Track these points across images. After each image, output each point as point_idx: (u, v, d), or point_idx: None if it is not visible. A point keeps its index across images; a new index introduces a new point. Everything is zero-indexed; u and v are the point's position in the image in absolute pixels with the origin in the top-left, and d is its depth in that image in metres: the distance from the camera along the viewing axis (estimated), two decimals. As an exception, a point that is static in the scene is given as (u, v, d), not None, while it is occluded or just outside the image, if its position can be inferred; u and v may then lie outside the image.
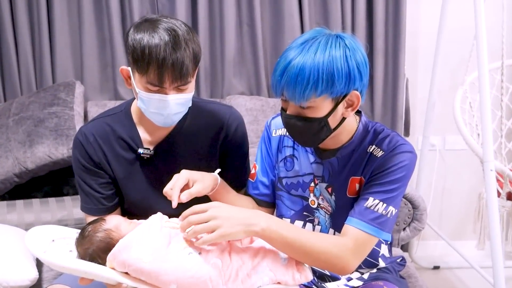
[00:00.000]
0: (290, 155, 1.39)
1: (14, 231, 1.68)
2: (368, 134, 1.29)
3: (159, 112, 1.29)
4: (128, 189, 1.44)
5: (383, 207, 1.20)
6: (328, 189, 1.32)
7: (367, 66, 1.19)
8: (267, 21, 2.51)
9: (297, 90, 1.13)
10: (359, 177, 1.27)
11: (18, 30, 2.34)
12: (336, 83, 1.13)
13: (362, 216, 1.20)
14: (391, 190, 1.21)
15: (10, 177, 1.99)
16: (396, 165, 1.21)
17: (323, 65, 1.12)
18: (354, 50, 1.16)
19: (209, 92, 2.54)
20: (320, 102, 1.16)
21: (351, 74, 1.14)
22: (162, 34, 1.22)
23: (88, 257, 1.17)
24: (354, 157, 1.28)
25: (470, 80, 2.35)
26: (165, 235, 1.16)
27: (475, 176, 2.68)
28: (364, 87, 1.20)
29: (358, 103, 1.20)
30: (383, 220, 1.20)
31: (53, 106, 2.15)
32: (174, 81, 1.24)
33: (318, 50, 1.13)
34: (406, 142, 1.25)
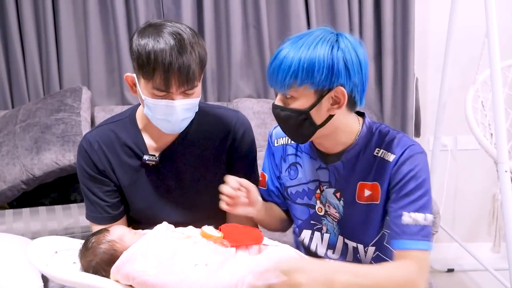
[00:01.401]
0: (294, 162, 1.37)
1: (19, 241, 1.68)
2: (373, 136, 1.26)
3: (166, 119, 1.26)
4: (133, 197, 1.42)
5: (421, 218, 1.18)
6: (336, 194, 1.29)
7: (362, 67, 1.16)
8: (274, 23, 2.49)
9: (279, 77, 1.15)
10: (370, 183, 1.24)
11: (25, 37, 2.34)
12: (316, 74, 1.13)
13: (407, 234, 1.17)
14: (420, 197, 1.19)
15: (18, 184, 1.99)
16: (414, 170, 1.19)
17: (305, 56, 1.13)
18: (345, 48, 1.14)
19: (216, 96, 2.52)
20: (301, 93, 1.16)
21: (334, 67, 1.13)
22: (167, 38, 1.20)
23: (92, 269, 1.16)
24: (361, 161, 1.26)
25: (481, 79, 2.30)
26: (171, 246, 1.14)
27: (489, 176, 2.63)
28: (355, 88, 1.17)
29: (345, 101, 1.17)
30: (427, 230, 1.18)
31: (60, 112, 2.15)
32: (181, 85, 1.22)
33: (305, 43, 1.14)
34: (413, 142, 1.23)
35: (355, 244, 1.31)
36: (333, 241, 1.34)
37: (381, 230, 1.28)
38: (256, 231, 1.24)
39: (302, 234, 1.38)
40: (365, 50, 1.19)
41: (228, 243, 1.17)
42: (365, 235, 1.29)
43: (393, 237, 1.20)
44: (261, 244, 1.21)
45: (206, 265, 1.11)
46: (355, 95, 1.18)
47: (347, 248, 1.33)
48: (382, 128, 1.27)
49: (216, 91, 2.52)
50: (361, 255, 1.32)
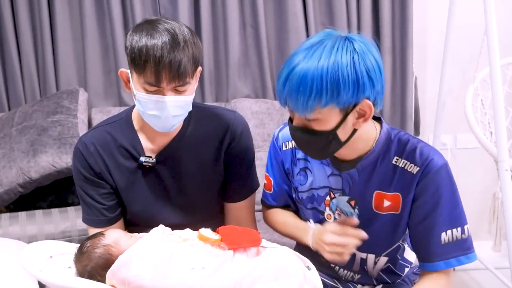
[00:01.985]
0: (304, 168, 1.32)
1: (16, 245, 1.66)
2: (391, 143, 1.20)
3: (157, 114, 1.25)
4: (130, 199, 1.40)
5: (460, 232, 1.15)
6: (351, 202, 1.24)
7: (381, 71, 1.09)
8: (271, 22, 2.48)
9: (299, 101, 1.05)
10: (391, 194, 1.19)
11: (21, 38, 2.33)
12: (342, 93, 1.04)
13: (447, 254, 1.15)
14: (453, 211, 1.15)
15: (14, 188, 1.97)
16: (445, 184, 1.14)
17: (327, 72, 1.03)
18: (363, 54, 1.06)
19: (214, 96, 2.51)
20: (326, 114, 1.07)
21: (359, 81, 1.05)
22: (161, 34, 1.20)
23: (87, 274, 1.14)
24: (379, 170, 1.20)
25: (481, 77, 2.29)
26: (167, 249, 1.12)
27: (489, 175, 2.62)
28: (378, 95, 1.10)
29: (371, 113, 1.10)
30: (468, 241, 1.15)
31: (56, 114, 2.13)
32: (172, 80, 1.20)
33: (323, 56, 1.04)
34: (435, 152, 1.17)
35: (364, 255, 1.28)
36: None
37: (398, 241, 1.26)
38: (254, 233, 1.23)
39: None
40: (377, 48, 1.11)
41: (225, 245, 1.15)
42: (379, 245, 1.26)
43: (430, 259, 1.16)
44: (259, 246, 1.20)
45: (203, 268, 1.09)
46: (378, 102, 1.11)
47: (354, 258, 1.30)
48: (401, 135, 1.21)
49: (214, 91, 2.51)
50: (368, 266, 1.29)
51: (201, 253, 1.13)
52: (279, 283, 1.11)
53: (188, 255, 1.12)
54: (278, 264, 1.14)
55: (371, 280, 1.31)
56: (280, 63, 2.49)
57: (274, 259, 1.15)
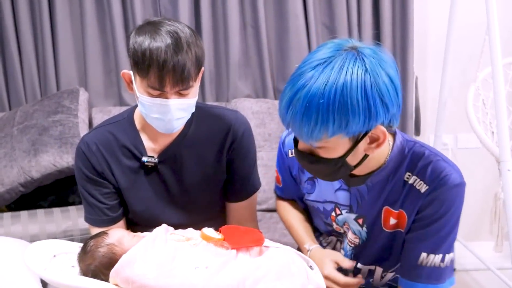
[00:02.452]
0: (311, 177, 1.26)
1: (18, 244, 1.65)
2: (404, 158, 1.10)
3: (161, 118, 1.25)
4: (132, 199, 1.40)
5: (439, 259, 1.08)
6: (359, 221, 1.19)
7: (397, 90, 0.97)
8: (272, 22, 2.48)
9: (304, 130, 0.95)
10: (397, 211, 1.13)
11: (21, 38, 2.33)
12: (352, 123, 0.93)
13: (416, 276, 1.09)
14: (445, 237, 1.07)
15: (15, 187, 1.97)
16: (446, 207, 1.05)
17: (335, 100, 0.91)
18: (376, 74, 0.93)
19: (215, 96, 2.51)
20: (334, 142, 0.98)
21: (371, 109, 0.93)
22: (164, 37, 1.19)
23: (91, 273, 1.14)
24: (389, 186, 1.12)
25: (482, 76, 2.29)
26: (170, 248, 1.12)
27: (490, 175, 2.62)
28: (393, 116, 0.99)
29: (385, 138, 1.00)
30: (443, 271, 1.09)
31: (57, 114, 2.13)
32: (175, 84, 1.20)
33: (330, 78, 0.92)
34: (452, 170, 1.06)
35: (373, 267, 1.25)
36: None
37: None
38: (257, 233, 1.22)
39: (329, 238, 1.34)
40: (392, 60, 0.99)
41: (228, 245, 1.15)
42: (387, 261, 1.23)
43: (404, 274, 1.13)
44: (261, 246, 1.19)
45: (207, 267, 1.09)
46: (393, 123, 1.01)
47: (359, 271, 1.27)
48: (416, 148, 1.11)
49: (214, 91, 2.51)
50: (375, 279, 1.27)
51: (204, 252, 1.13)
52: (282, 282, 1.10)
53: (192, 254, 1.11)
54: (281, 263, 1.14)
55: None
56: (281, 63, 2.49)
57: (277, 259, 1.15)
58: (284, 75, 2.47)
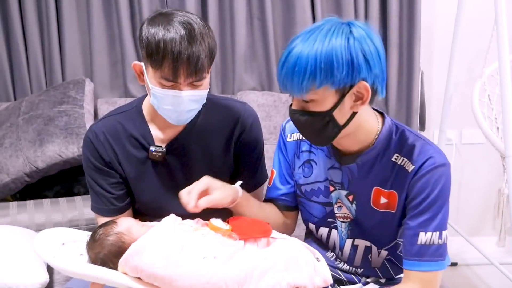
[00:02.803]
0: (308, 160, 1.32)
1: (24, 233, 1.67)
2: (392, 140, 1.19)
3: (173, 109, 1.25)
4: (140, 189, 1.40)
5: (437, 237, 1.14)
6: (349, 197, 1.25)
7: (380, 56, 1.09)
8: (278, 15, 2.46)
9: (295, 81, 1.07)
10: (388, 191, 1.19)
11: (27, 28, 2.32)
12: (336, 72, 1.05)
13: (420, 256, 1.14)
14: (437, 214, 1.13)
15: (21, 177, 1.97)
16: (433, 185, 1.13)
17: (321, 53, 1.05)
18: (360, 37, 1.06)
19: (220, 88, 2.50)
20: (322, 94, 1.08)
21: (354, 62, 1.05)
22: (178, 27, 1.18)
23: (99, 261, 1.14)
24: (378, 166, 1.19)
25: (488, 72, 2.28)
26: (179, 238, 1.13)
27: (493, 170, 2.63)
28: (377, 79, 1.09)
29: (368, 96, 1.10)
30: (442, 248, 1.14)
31: (63, 104, 2.13)
32: (189, 76, 1.20)
33: (318, 38, 1.06)
34: (436, 151, 1.15)
35: (369, 243, 1.28)
36: (341, 244, 1.31)
37: (395, 239, 1.26)
38: (264, 224, 1.23)
39: (320, 231, 1.35)
40: (379, 36, 1.12)
41: (236, 235, 1.16)
42: (378, 239, 1.26)
43: (406, 255, 1.16)
44: (269, 237, 1.20)
45: (215, 258, 1.09)
46: (377, 86, 1.11)
47: (356, 251, 1.30)
48: (403, 131, 1.20)
49: (220, 83, 2.50)
50: (373, 255, 1.29)
51: (212, 242, 1.13)
52: (289, 273, 1.11)
53: (200, 244, 1.12)
54: (288, 255, 1.15)
55: (375, 272, 1.32)
56: (287, 56, 2.48)
57: (284, 250, 1.16)
58: (290, 68, 2.46)
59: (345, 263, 1.33)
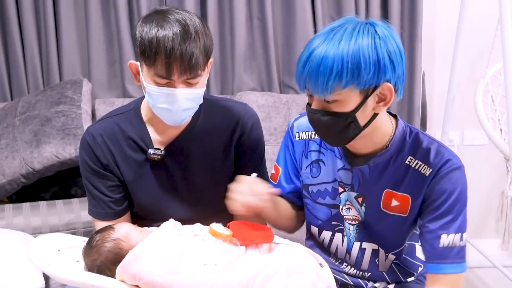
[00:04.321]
0: (316, 160, 1.30)
1: (20, 236, 1.64)
2: (405, 143, 1.18)
3: (168, 108, 1.22)
4: (138, 192, 1.38)
5: (458, 239, 1.13)
6: (358, 199, 1.23)
7: (402, 56, 1.09)
8: (278, 15, 2.45)
9: (319, 81, 1.04)
10: (400, 194, 1.18)
11: (24, 27, 2.31)
12: (363, 73, 1.03)
13: (444, 258, 1.13)
14: (458, 216, 1.13)
15: (17, 178, 1.96)
16: (452, 188, 1.13)
17: (348, 53, 1.03)
18: (385, 37, 1.06)
19: (219, 88, 2.49)
20: (346, 95, 1.06)
21: (380, 63, 1.04)
22: (172, 24, 1.17)
23: (96, 268, 1.12)
24: (391, 169, 1.18)
25: (492, 72, 2.26)
26: (178, 244, 1.10)
27: (495, 172, 2.61)
28: (399, 80, 1.09)
29: (392, 97, 1.09)
30: (463, 250, 1.15)
31: (60, 104, 2.11)
32: (183, 73, 1.17)
33: (343, 38, 1.04)
34: (451, 154, 1.15)
35: (376, 246, 1.27)
36: (349, 247, 1.29)
37: (403, 243, 1.24)
38: (266, 229, 1.20)
39: (322, 234, 1.33)
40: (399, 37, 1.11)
41: (237, 241, 1.13)
42: (386, 243, 1.25)
43: (429, 259, 1.16)
44: (271, 243, 1.17)
45: (216, 264, 1.07)
46: (398, 88, 1.10)
47: (363, 255, 1.28)
48: (417, 134, 1.19)
49: (219, 84, 2.48)
50: (380, 259, 1.27)
51: (213, 249, 1.11)
52: (292, 280, 1.08)
53: (200, 251, 1.09)
54: (291, 261, 1.12)
55: (383, 276, 1.30)
56: (287, 56, 2.47)
57: (287, 256, 1.13)
58: (290, 68, 2.45)
59: (352, 267, 1.31)
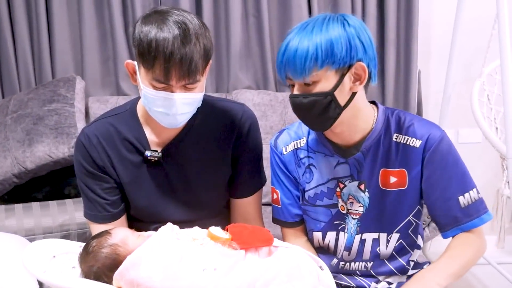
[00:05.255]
0: (308, 165, 1.31)
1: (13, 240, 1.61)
2: (390, 122, 1.25)
3: (165, 112, 1.20)
4: (135, 194, 1.36)
5: (475, 193, 1.22)
6: (361, 186, 1.26)
7: (371, 43, 1.17)
8: (274, 12, 2.43)
9: (297, 64, 1.12)
10: (396, 170, 1.24)
11: (16, 24, 2.28)
12: (336, 51, 1.11)
13: (470, 216, 1.22)
14: (464, 174, 1.22)
15: (9, 178, 1.93)
16: (449, 153, 1.20)
17: (321, 38, 1.12)
18: (355, 26, 1.14)
19: (215, 87, 2.47)
20: (323, 75, 1.13)
21: (351, 43, 1.12)
22: (172, 27, 1.13)
23: (93, 275, 1.10)
24: (382, 148, 1.24)
25: (488, 71, 2.25)
26: (177, 249, 1.08)
27: (490, 170, 2.61)
28: (371, 62, 1.17)
29: (365, 76, 1.16)
30: (483, 202, 1.23)
31: (52, 103, 2.09)
32: (182, 78, 1.15)
33: (315, 26, 1.13)
34: (432, 124, 1.24)
35: (376, 235, 1.28)
36: (350, 241, 1.29)
37: (407, 216, 1.27)
38: (265, 232, 1.19)
39: (327, 237, 1.32)
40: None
41: (237, 245, 1.11)
42: (390, 222, 1.28)
43: (458, 222, 1.22)
44: (271, 246, 1.16)
45: (215, 269, 1.05)
46: (371, 70, 1.17)
47: (364, 245, 1.29)
48: (397, 113, 1.27)
49: (214, 82, 2.47)
50: (381, 246, 1.29)
51: (212, 253, 1.09)
52: (293, 284, 1.07)
53: (199, 255, 1.08)
54: (291, 264, 1.11)
55: (384, 264, 1.31)
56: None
57: (286, 260, 1.12)
58: (286, 66, 2.42)
59: (354, 262, 1.31)
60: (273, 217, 1.40)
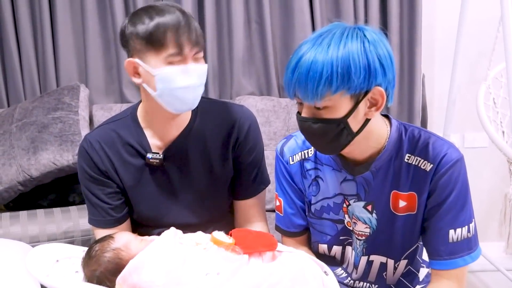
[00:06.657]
0: (315, 177, 1.26)
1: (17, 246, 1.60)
2: (402, 141, 1.16)
3: (185, 86, 1.21)
4: (137, 198, 1.36)
5: (466, 231, 1.13)
6: (368, 207, 1.20)
7: (392, 61, 1.06)
8: (277, 18, 2.43)
9: (309, 87, 1.02)
10: (406, 193, 1.16)
11: (21, 33, 2.29)
12: (353, 77, 1.01)
13: (454, 254, 1.13)
14: (462, 208, 1.12)
15: (14, 185, 1.93)
16: (456, 182, 1.11)
17: (337, 57, 1.00)
18: (375, 41, 1.03)
19: (218, 93, 2.46)
20: (337, 100, 1.03)
21: (370, 66, 1.02)
22: (169, 9, 1.20)
23: (96, 279, 1.10)
24: (393, 169, 1.16)
25: (493, 74, 2.24)
26: (180, 254, 1.08)
27: (497, 175, 2.59)
28: (389, 84, 1.07)
29: (383, 102, 1.07)
30: (472, 240, 1.14)
31: (57, 111, 2.09)
32: (193, 46, 1.20)
33: (332, 42, 1.02)
34: (449, 146, 1.13)
35: (384, 259, 1.24)
36: (356, 261, 1.26)
37: (416, 242, 1.22)
38: (269, 237, 1.18)
39: (333, 250, 1.30)
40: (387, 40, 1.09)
41: (240, 249, 1.10)
42: (399, 247, 1.22)
43: (440, 255, 1.14)
44: (275, 251, 1.15)
45: (218, 274, 1.04)
46: (389, 93, 1.08)
47: (371, 267, 1.26)
48: (412, 130, 1.17)
49: (217, 88, 2.46)
50: (388, 272, 1.25)
51: (215, 257, 1.08)
52: (296, 289, 1.06)
53: (202, 260, 1.07)
54: (295, 269, 1.10)
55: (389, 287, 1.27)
56: (286, 60, 2.44)
57: (290, 264, 1.11)
58: (289, 72, 2.42)
59: (359, 281, 1.29)
60: (275, 224, 1.37)
